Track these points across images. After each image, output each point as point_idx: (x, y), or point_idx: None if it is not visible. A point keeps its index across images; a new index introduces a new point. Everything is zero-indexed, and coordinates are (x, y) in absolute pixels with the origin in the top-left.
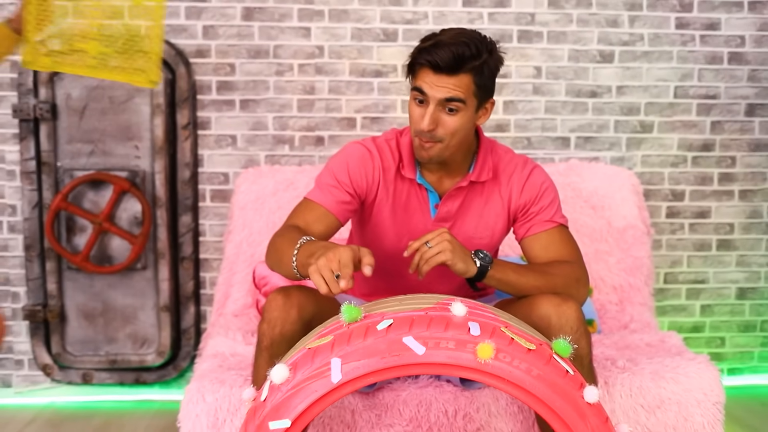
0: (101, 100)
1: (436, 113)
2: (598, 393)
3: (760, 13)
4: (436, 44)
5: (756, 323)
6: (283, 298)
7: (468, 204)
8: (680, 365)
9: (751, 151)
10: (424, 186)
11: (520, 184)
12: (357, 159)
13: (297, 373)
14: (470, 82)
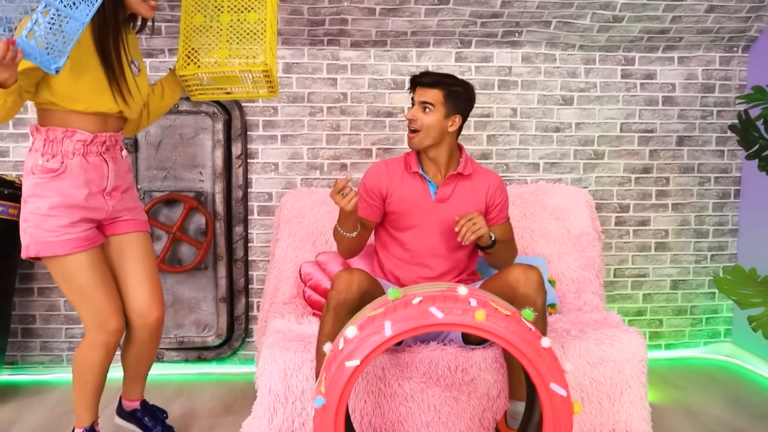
0: (173, 136)
1: (417, 112)
2: (550, 342)
3: (687, 66)
4: (424, 73)
5: (687, 308)
6: (347, 275)
7: (457, 192)
8: (616, 334)
9: (681, 173)
10: (424, 177)
11: (494, 186)
12: (371, 174)
13: (362, 331)
14: (440, 95)
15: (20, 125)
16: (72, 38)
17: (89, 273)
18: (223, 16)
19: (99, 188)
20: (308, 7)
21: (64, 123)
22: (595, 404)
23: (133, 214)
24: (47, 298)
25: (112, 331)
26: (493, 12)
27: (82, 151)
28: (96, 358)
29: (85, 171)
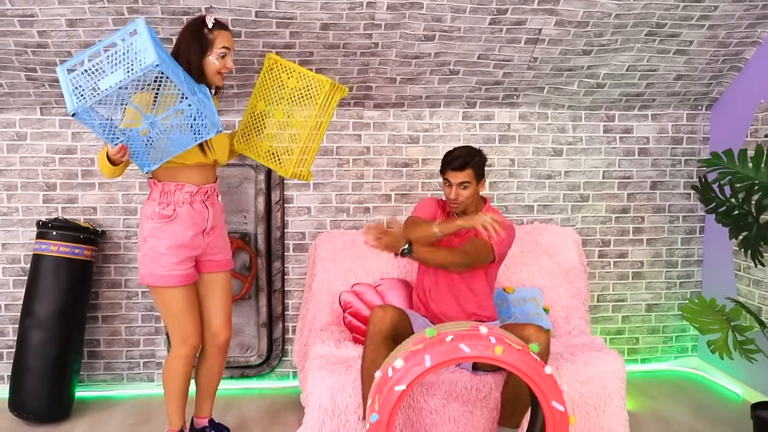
0: (221, 185)
1: (458, 191)
2: (551, 369)
3: (659, 122)
4: (453, 158)
5: (659, 328)
6: (382, 311)
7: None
8: (600, 356)
9: (654, 213)
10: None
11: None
12: (429, 202)
13: (407, 363)
14: (471, 173)
15: (88, 176)
16: (171, 153)
17: (182, 302)
18: (278, 111)
19: (201, 229)
20: (339, 77)
21: (174, 178)
22: (584, 415)
23: (222, 254)
24: (110, 324)
25: (192, 346)
26: (495, 80)
27: (189, 200)
28: (179, 368)
29: (191, 216)
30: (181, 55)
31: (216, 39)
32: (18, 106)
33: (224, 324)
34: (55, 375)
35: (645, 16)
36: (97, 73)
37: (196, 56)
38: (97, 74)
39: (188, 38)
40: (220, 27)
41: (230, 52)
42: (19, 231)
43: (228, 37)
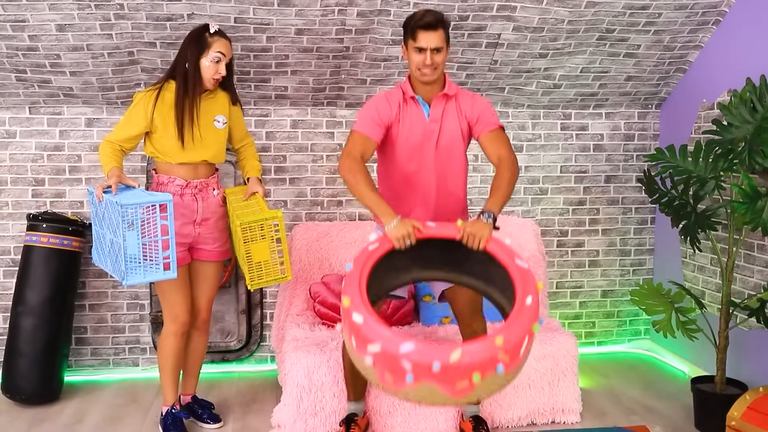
0: None
1: (434, 56)
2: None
3: (612, 120)
4: (422, 15)
5: (614, 312)
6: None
7: (446, 112)
8: (555, 336)
9: (608, 205)
10: (418, 100)
11: (470, 101)
12: (381, 101)
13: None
14: (444, 34)
15: (75, 172)
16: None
17: (172, 281)
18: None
19: (190, 220)
20: (313, 79)
21: (168, 172)
22: (539, 389)
23: (214, 244)
24: (96, 312)
25: (181, 323)
26: (459, 81)
27: (180, 193)
28: (169, 344)
29: (180, 207)
30: (180, 57)
31: (214, 43)
32: (8, 106)
33: (205, 307)
34: (46, 359)
35: (595, 23)
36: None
37: (192, 56)
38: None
39: (189, 41)
40: (221, 35)
41: (224, 59)
42: (9, 224)
43: (225, 45)
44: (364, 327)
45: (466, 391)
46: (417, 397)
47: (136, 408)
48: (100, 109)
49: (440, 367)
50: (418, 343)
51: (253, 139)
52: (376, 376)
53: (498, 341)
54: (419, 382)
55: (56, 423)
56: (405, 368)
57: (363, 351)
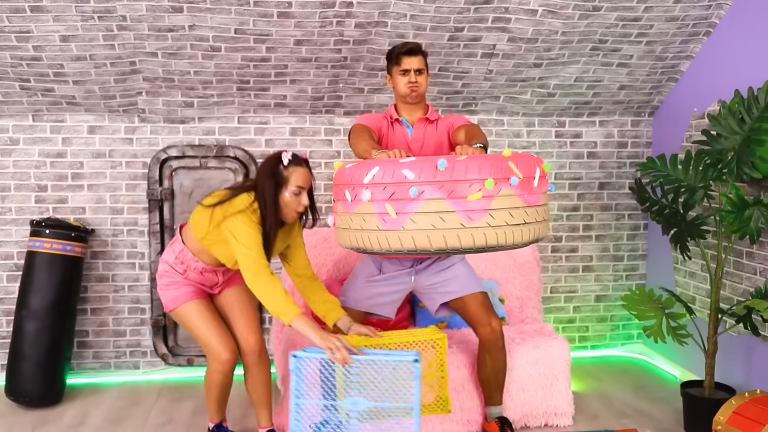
0: (203, 186)
1: (417, 77)
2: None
3: (606, 128)
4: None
5: (607, 317)
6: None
7: (427, 134)
8: (548, 341)
9: (602, 211)
10: (402, 122)
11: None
12: (375, 116)
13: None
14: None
15: (77, 178)
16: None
17: (197, 315)
18: None
19: (212, 283)
20: (312, 87)
21: (195, 253)
22: (532, 393)
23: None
24: (98, 316)
25: (223, 361)
26: (455, 90)
27: (200, 270)
28: (215, 380)
29: (201, 276)
30: (259, 189)
31: (291, 176)
32: (11, 114)
33: (248, 330)
34: (48, 362)
35: (588, 33)
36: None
37: (270, 192)
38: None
39: (265, 173)
40: (297, 163)
41: (305, 190)
42: (12, 230)
43: (303, 174)
44: (358, 166)
45: (482, 210)
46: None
47: (138, 410)
48: (102, 117)
49: (446, 165)
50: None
51: (253, 147)
52: (375, 217)
53: (506, 152)
54: (425, 196)
55: (59, 425)
56: (407, 178)
57: (359, 191)
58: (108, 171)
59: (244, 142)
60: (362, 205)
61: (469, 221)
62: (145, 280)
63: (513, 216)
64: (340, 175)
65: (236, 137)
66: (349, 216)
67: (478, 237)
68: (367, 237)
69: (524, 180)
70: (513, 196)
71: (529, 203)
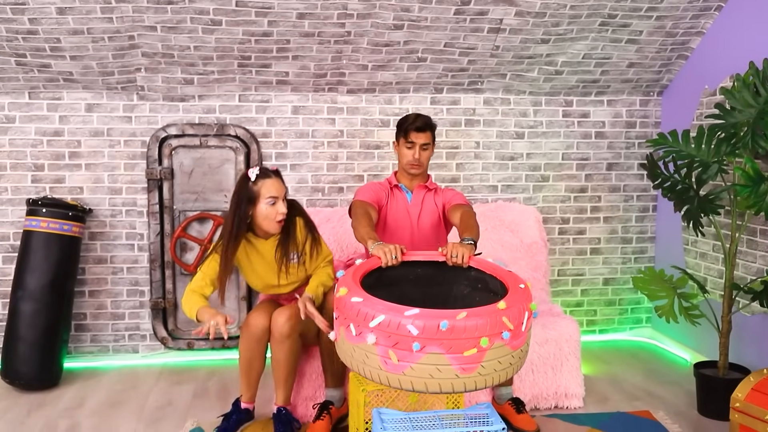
0: (203, 166)
1: (421, 152)
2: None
3: (614, 108)
4: (415, 119)
5: (616, 300)
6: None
7: (425, 201)
8: (557, 321)
9: (610, 192)
10: (402, 188)
11: (442, 193)
12: (373, 187)
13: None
14: (430, 135)
15: (75, 157)
16: None
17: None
18: None
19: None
20: (314, 64)
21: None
22: (542, 374)
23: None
24: (96, 299)
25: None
26: (461, 67)
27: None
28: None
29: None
30: (236, 211)
31: (261, 189)
32: (7, 91)
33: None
34: (45, 343)
35: (597, 8)
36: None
37: (244, 209)
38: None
39: (238, 193)
40: (264, 176)
41: (279, 199)
42: (8, 210)
43: (274, 184)
44: (365, 304)
45: (475, 362)
46: (423, 374)
47: (137, 394)
48: (100, 95)
49: (448, 326)
50: (422, 309)
51: (255, 125)
52: (378, 358)
53: (500, 305)
54: (426, 350)
55: (56, 407)
56: (411, 333)
57: (364, 330)
58: (106, 150)
59: (246, 121)
60: (366, 344)
61: (462, 372)
62: (144, 262)
63: (501, 363)
64: (345, 307)
65: (237, 115)
66: (352, 346)
67: (469, 384)
68: (369, 371)
69: (514, 330)
70: (503, 347)
71: (515, 347)
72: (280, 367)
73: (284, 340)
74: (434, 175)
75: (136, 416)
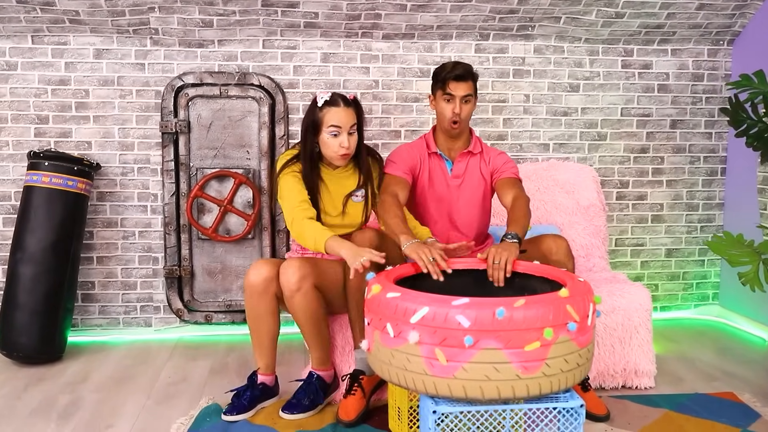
0: (223, 118)
1: (461, 106)
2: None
3: (679, 58)
4: (453, 67)
5: (679, 274)
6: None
7: (469, 170)
8: (624, 288)
9: (674, 153)
10: (441, 156)
11: (492, 156)
12: (406, 153)
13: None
14: (472, 86)
15: (82, 108)
16: None
17: None
18: None
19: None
20: (347, 3)
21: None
22: (608, 347)
23: None
24: (105, 266)
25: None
26: (510, 8)
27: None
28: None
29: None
30: (305, 136)
31: (325, 116)
32: (8, 34)
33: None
34: (47, 311)
35: None
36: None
37: (310, 137)
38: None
39: (305, 118)
40: (331, 103)
41: (344, 131)
42: (9, 166)
43: (338, 113)
44: (404, 298)
45: (538, 359)
46: (477, 376)
47: (148, 369)
48: (109, 39)
49: (505, 314)
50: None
51: (280, 75)
52: (422, 361)
53: (562, 292)
54: (480, 346)
55: (57, 382)
56: (462, 325)
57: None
58: (116, 101)
59: (270, 69)
60: (407, 345)
61: (524, 372)
62: (158, 226)
63: (567, 362)
64: (381, 305)
65: (261, 63)
66: (389, 351)
67: (532, 387)
68: (411, 378)
69: (580, 322)
70: (569, 342)
71: (582, 344)
72: (301, 326)
73: (293, 294)
74: (478, 132)
75: (146, 393)
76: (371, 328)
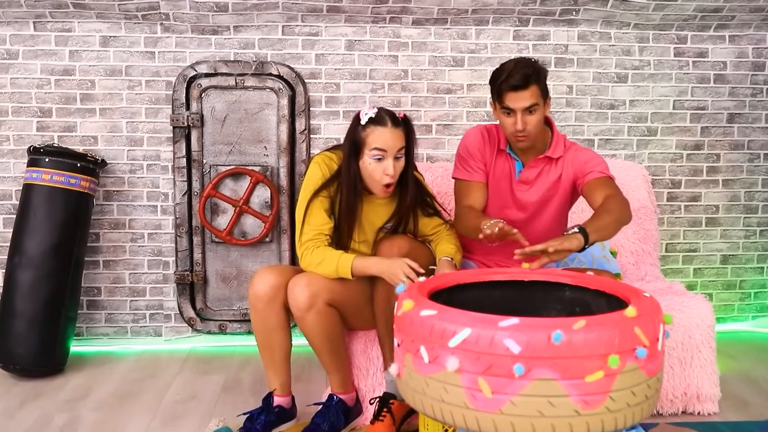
0: (238, 111)
1: (525, 117)
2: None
3: (738, 45)
4: (510, 74)
5: (736, 282)
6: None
7: (544, 174)
8: (684, 301)
9: (732, 149)
10: (512, 156)
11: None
12: (474, 139)
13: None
14: (537, 90)
15: (88, 101)
16: None
17: None
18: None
19: None
20: None
21: None
22: (667, 369)
23: None
24: (112, 271)
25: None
26: None
27: None
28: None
29: None
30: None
31: (368, 137)
32: (8, 20)
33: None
34: (46, 320)
35: None
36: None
37: (351, 159)
38: None
39: (347, 137)
40: (377, 122)
41: (389, 155)
42: (9, 163)
43: (385, 135)
44: (441, 317)
45: (602, 392)
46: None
47: (155, 383)
48: (117, 25)
49: (563, 338)
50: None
51: (301, 64)
52: (463, 392)
53: (629, 311)
54: (532, 376)
55: (54, 399)
56: (510, 351)
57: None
58: (125, 92)
59: (290, 58)
60: (445, 373)
61: (584, 407)
62: (169, 227)
63: (635, 394)
64: (413, 324)
65: (280, 51)
66: (423, 379)
67: (594, 425)
68: (449, 411)
69: (650, 347)
70: (637, 370)
71: (651, 372)
72: (315, 349)
73: (304, 314)
74: None
75: (151, 412)
76: (402, 350)
